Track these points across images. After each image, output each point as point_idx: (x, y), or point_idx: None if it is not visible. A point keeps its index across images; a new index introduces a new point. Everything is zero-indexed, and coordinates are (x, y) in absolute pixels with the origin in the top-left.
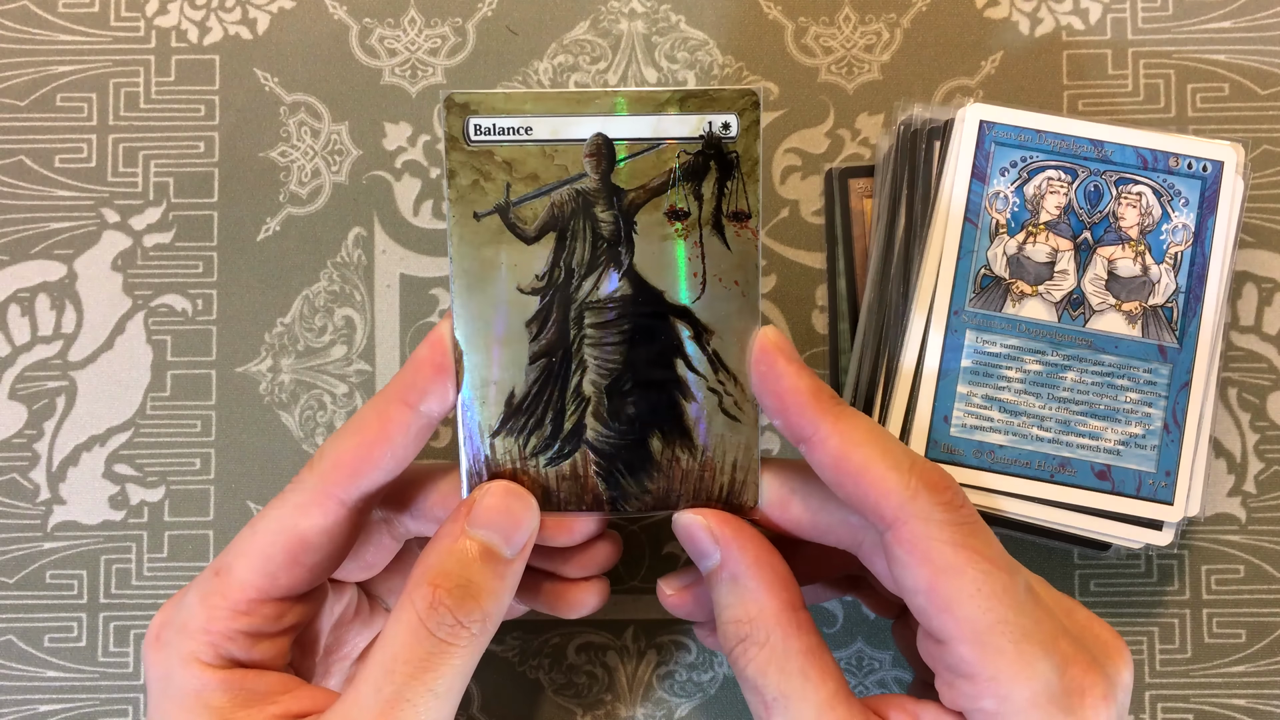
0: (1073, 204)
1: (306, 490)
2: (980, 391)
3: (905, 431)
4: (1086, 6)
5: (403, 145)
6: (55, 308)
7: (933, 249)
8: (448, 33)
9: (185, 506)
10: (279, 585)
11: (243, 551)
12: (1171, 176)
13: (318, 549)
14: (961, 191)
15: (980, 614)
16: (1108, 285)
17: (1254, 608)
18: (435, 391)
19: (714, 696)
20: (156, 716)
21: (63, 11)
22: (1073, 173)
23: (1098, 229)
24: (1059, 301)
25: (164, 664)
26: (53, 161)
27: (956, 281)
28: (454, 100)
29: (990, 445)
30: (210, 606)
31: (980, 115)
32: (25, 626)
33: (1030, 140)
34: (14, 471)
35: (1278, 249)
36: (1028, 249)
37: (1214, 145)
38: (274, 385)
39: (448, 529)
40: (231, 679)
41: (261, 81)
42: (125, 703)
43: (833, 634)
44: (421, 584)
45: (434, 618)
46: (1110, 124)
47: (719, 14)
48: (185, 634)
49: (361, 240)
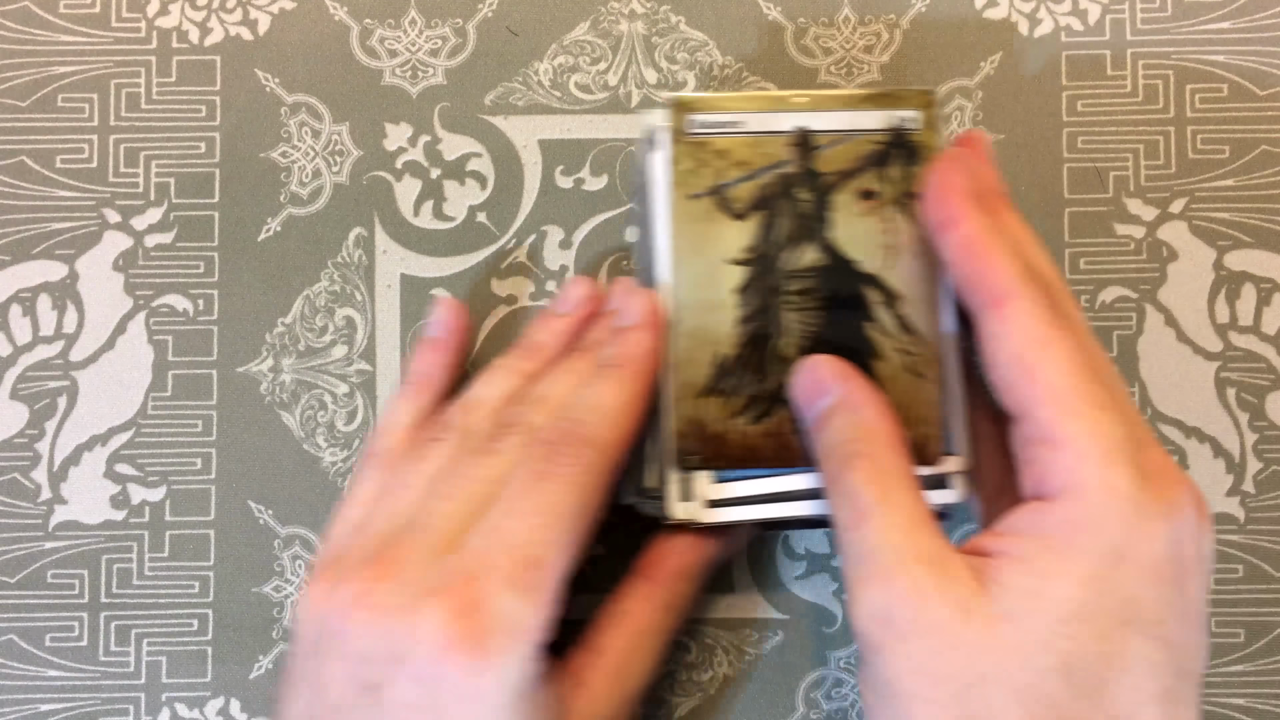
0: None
1: (595, 470)
2: None
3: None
4: (1085, 7)
5: (403, 146)
6: (56, 308)
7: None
8: (448, 33)
9: (186, 506)
10: (575, 567)
11: (550, 540)
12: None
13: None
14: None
15: (1061, 378)
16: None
17: (1253, 607)
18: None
19: (714, 696)
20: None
21: (64, 12)
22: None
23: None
24: None
25: (496, 676)
26: (54, 162)
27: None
28: (679, 101)
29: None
30: (537, 603)
31: (665, 123)
32: (26, 626)
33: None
34: (15, 471)
35: (1277, 249)
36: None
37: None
38: (275, 385)
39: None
40: (556, 663)
41: (262, 82)
42: (126, 702)
43: (832, 633)
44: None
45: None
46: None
47: (719, 15)
48: (517, 636)
49: (362, 240)
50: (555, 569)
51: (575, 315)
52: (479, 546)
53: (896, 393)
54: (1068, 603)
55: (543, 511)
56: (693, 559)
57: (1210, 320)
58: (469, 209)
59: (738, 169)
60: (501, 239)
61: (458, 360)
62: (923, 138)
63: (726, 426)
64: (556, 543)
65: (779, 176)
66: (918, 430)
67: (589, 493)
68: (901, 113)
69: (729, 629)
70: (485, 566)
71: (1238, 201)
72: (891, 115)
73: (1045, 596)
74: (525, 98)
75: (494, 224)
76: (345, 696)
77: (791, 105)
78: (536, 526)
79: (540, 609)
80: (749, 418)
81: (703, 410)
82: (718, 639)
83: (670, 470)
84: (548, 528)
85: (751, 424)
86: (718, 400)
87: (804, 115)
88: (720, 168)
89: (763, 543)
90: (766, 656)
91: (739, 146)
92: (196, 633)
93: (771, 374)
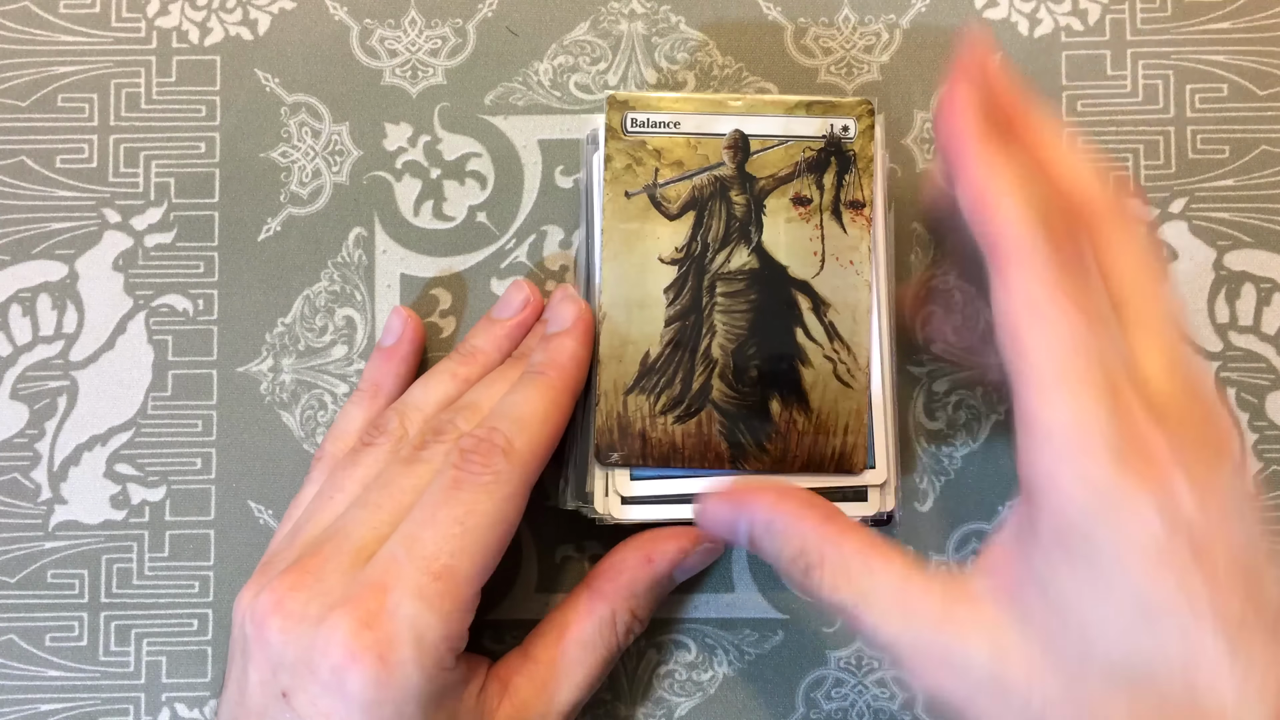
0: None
1: (511, 482)
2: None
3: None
4: (1085, 7)
5: (403, 146)
6: (56, 308)
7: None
8: (448, 33)
9: (186, 506)
10: (491, 572)
11: (462, 550)
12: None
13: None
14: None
15: (1045, 355)
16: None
17: None
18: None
19: (714, 696)
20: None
21: (64, 12)
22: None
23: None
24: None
25: (400, 686)
26: (54, 162)
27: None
28: (615, 98)
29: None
30: (444, 612)
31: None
32: (26, 626)
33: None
34: (15, 471)
35: (1276, 249)
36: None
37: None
38: (275, 385)
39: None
40: (467, 672)
41: (262, 82)
42: (126, 702)
43: (832, 633)
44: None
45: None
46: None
47: (719, 15)
48: (424, 647)
49: (362, 240)
50: (466, 579)
51: (515, 320)
52: (390, 556)
53: (823, 399)
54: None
55: (456, 521)
56: (642, 576)
57: (1210, 320)
58: (469, 209)
59: (673, 169)
60: (501, 239)
61: (409, 368)
62: (858, 147)
63: (650, 424)
64: (468, 551)
65: (713, 178)
66: (843, 439)
67: (504, 502)
68: (839, 120)
69: (729, 629)
70: (395, 577)
71: (1238, 201)
72: (828, 123)
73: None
74: (525, 98)
75: (494, 224)
76: (263, 702)
77: (729, 109)
78: (448, 536)
79: (448, 619)
80: (673, 417)
81: (627, 407)
82: (718, 639)
83: (594, 467)
84: (459, 537)
85: (675, 423)
86: (643, 397)
87: (741, 119)
88: (656, 167)
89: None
90: (766, 656)
91: (676, 147)
92: (196, 633)
93: (698, 374)
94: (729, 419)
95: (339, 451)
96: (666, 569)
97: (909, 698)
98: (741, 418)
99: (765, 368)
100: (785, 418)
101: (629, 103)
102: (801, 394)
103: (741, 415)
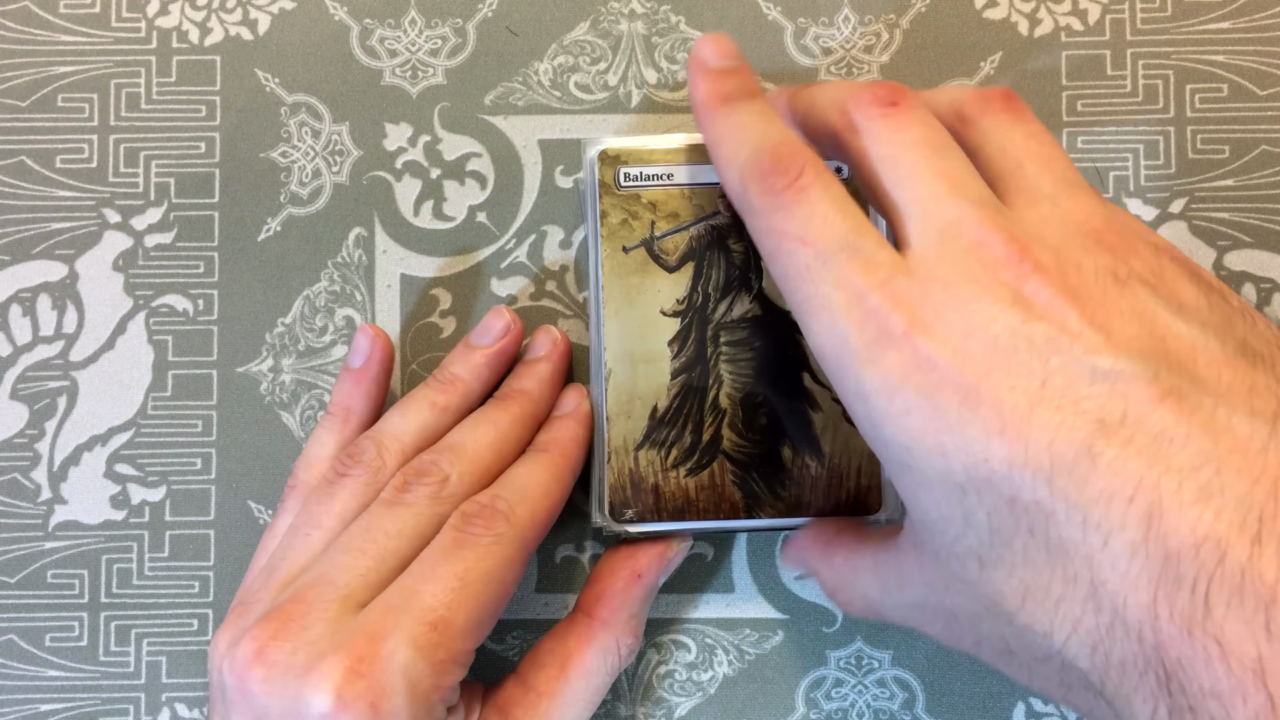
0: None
1: (512, 544)
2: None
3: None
4: (1085, 7)
5: (403, 146)
6: (56, 308)
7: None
8: (448, 33)
9: (186, 506)
10: (486, 633)
11: (460, 603)
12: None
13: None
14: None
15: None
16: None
17: None
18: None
19: (714, 696)
20: None
21: (64, 12)
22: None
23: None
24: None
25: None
26: (54, 162)
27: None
28: (607, 153)
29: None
30: (436, 663)
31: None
32: (26, 626)
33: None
34: (15, 471)
35: (1276, 249)
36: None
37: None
38: (275, 385)
39: None
40: (484, 694)
41: (262, 82)
42: (126, 702)
43: (832, 633)
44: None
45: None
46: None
47: (719, 14)
48: (417, 697)
49: (362, 240)
50: (462, 632)
51: (494, 348)
52: (385, 606)
53: (834, 443)
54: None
55: (455, 576)
56: (636, 593)
57: None
58: (469, 209)
59: (669, 221)
60: (501, 239)
61: (380, 388)
62: (850, 189)
63: (662, 479)
64: (465, 605)
65: (710, 228)
66: (857, 482)
67: (504, 563)
68: (832, 163)
69: (729, 629)
70: (390, 626)
71: (1238, 201)
72: None
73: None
74: (525, 98)
75: (494, 224)
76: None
77: None
78: (447, 590)
79: (442, 671)
80: (685, 470)
81: (639, 463)
82: (718, 639)
83: (607, 522)
84: (457, 590)
85: (688, 475)
86: (654, 452)
87: None
88: (652, 220)
89: (762, 543)
90: (766, 656)
91: (671, 199)
92: (196, 633)
93: (708, 425)
94: (741, 468)
95: (312, 479)
96: (655, 578)
97: (909, 698)
98: (754, 466)
99: (774, 415)
100: (798, 464)
101: (621, 156)
102: (813, 439)
103: (754, 464)
